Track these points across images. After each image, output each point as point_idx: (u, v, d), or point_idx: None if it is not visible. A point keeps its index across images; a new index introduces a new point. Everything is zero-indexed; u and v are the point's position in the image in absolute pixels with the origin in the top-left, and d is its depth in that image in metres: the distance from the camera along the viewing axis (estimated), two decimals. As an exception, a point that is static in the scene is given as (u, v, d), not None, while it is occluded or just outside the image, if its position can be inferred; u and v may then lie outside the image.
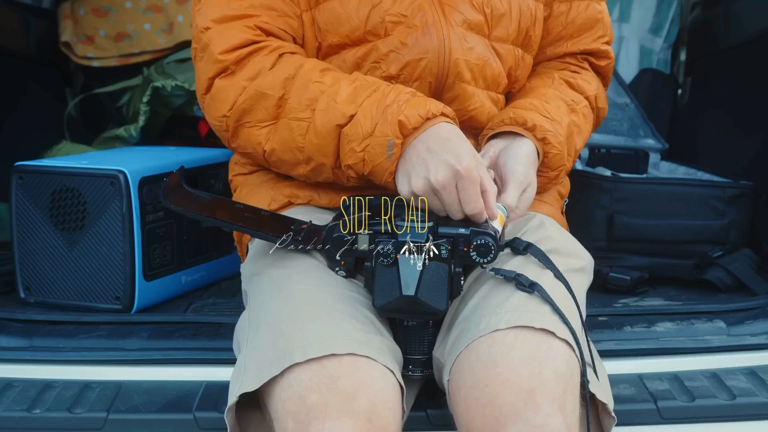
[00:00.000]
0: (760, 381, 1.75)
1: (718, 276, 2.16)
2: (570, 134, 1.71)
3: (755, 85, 2.56)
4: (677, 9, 2.92)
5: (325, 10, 1.65)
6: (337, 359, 1.39)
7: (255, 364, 1.44)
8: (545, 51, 1.84)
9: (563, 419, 1.38)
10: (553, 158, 1.68)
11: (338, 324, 1.44)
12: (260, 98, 1.58)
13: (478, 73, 1.68)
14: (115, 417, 1.66)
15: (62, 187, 1.97)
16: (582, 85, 1.79)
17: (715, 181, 2.32)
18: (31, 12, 2.98)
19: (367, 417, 1.36)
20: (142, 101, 2.60)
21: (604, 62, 1.85)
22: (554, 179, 1.73)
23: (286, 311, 1.48)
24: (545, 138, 1.66)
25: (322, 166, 1.59)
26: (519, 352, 1.41)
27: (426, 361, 1.54)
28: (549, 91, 1.75)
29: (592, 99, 1.80)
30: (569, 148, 1.71)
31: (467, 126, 1.69)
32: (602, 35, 1.84)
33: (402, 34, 1.64)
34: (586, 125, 1.77)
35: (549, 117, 1.68)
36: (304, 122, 1.57)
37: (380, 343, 1.45)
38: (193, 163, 2.12)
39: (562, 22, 1.81)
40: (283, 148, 1.60)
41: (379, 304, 1.49)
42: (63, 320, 1.91)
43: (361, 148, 1.53)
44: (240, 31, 1.60)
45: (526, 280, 1.49)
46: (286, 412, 1.39)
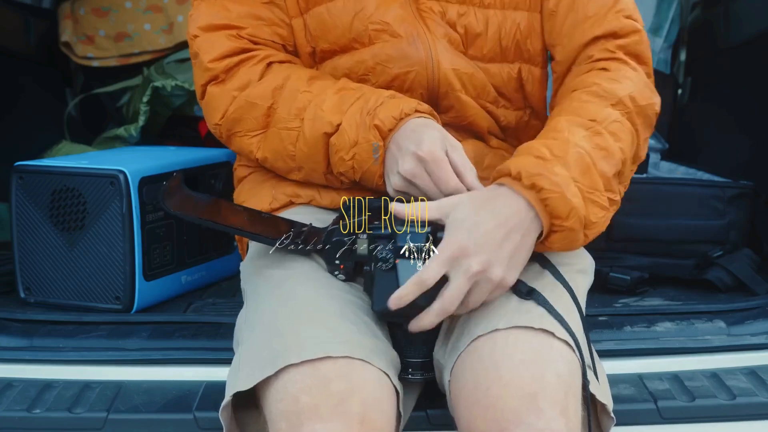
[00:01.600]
0: (760, 381, 1.75)
1: (718, 276, 2.16)
2: (588, 165, 1.47)
3: (755, 85, 2.56)
4: (677, 9, 2.92)
5: (314, 15, 1.66)
6: (331, 361, 1.39)
7: (249, 363, 1.44)
8: (564, 44, 1.67)
9: (565, 423, 1.37)
10: (555, 204, 1.43)
11: (335, 326, 1.44)
12: (250, 108, 1.61)
13: (468, 82, 1.66)
14: (115, 417, 1.66)
15: (62, 187, 1.97)
16: (610, 88, 1.57)
17: (715, 181, 2.32)
18: (31, 12, 2.98)
19: (359, 419, 1.36)
20: (142, 101, 2.60)
21: (635, 37, 1.64)
22: (580, 230, 1.46)
23: (283, 312, 1.48)
24: (534, 184, 1.42)
25: (313, 173, 1.62)
26: (520, 354, 1.40)
27: (426, 364, 1.53)
28: (561, 121, 1.53)
29: (627, 100, 1.56)
30: (590, 182, 1.46)
31: (468, 129, 1.69)
32: (621, 9, 1.65)
33: (386, 43, 1.64)
34: (617, 143, 1.52)
35: (543, 157, 1.45)
36: (293, 131, 1.59)
37: (376, 347, 1.44)
38: (193, 163, 2.12)
39: (572, 6, 1.65)
40: (274, 156, 1.63)
41: (377, 308, 1.47)
42: (63, 320, 1.91)
43: (349, 157, 1.56)
44: (227, 40, 1.63)
45: (524, 287, 1.48)
46: (279, 413, 1.38)
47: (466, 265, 1.40)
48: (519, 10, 1.68)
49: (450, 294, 1.41)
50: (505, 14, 1.67)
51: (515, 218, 1.43)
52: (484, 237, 1.41)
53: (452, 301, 1.41)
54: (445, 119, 1.66)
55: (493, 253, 1.41)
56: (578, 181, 1.45)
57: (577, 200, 1.44)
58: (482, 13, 1.67)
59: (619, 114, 1.55)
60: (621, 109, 1.56)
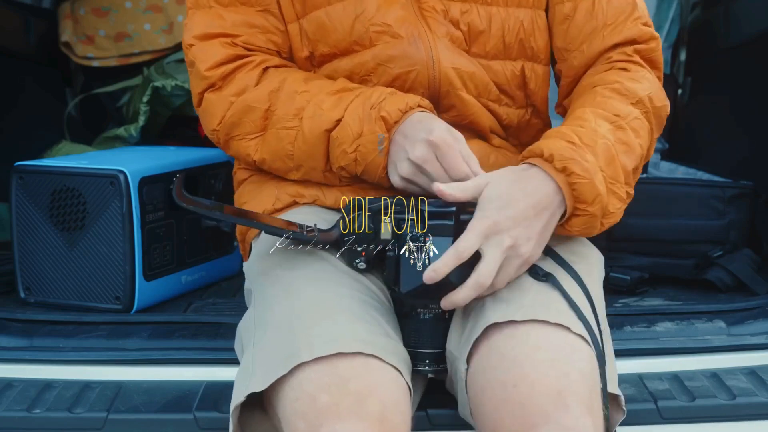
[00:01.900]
0: (760, 381, 1.75)
1: (718, 276, 2.16)
2: (612, 157, 1.52)
3: (755, 85, 2.56)
4: (677, 9, 2.92)
5: (313, 20, 1.66)
6: (347, 360, 1.39)
7: (262, 364, 1.44)
8: (582, 50, 1.69)
9: (592, 421, 1.38)
10: (583, 189, 1.48)
11: (346, 324, 1.44)
12: (247, 111, 1.63)
13: (469, 80, 1.67)
14: (115, 417, 1.66)
15: (62, 187, 1.97)
16: (631, 87, 1.61)
17: (715, 181, 2.32)
18: (31, 12, 2.99)
19: (378, 419, 1.36)
20: (142, 101, 2.60)
21: (653, 44, 1.68)
22: (599, 217, 1.52)
23: (293, 311, 1.48)
24: (566, 168, 1.48)
25: (312, 171, 1.64)
26: (543, 352, 1.41)
27: (439, 356, 1.53)
28: (587, 112, 1.57)
29: (646, 100, 1.61)
30: (613, 173, 1.52)
31: (469, 128, 1.69)
32: (639, 16, 1.68)
33: (387, 44, 1.64)
34: (637, 140, 1.57)
35: (574, 143, 1.50)
36: (292, 131, 1.61)
37: (388, 344, 1.45)
38: (193, 163, 2.12)
39: (591, 13, 1.68)
40: (273, 157, 1.64)
41: (406, 290, 1.47)
42: (63, 320, 1.91)
43: (352, 149, 1.57)
44: (222, 47, 1.64)
45: (541, 270, 1.51)
46: (295, 412, 1.38)
47: (499, 239, 1.44)
48: (522, 7, 1.69)
49: (485, 268, 1.44)
50: (508, 11, 1.68)
51: (545, 198, 1.48)
52: (517, 214, 1.46)
53: (488, 274, 1.44)
54: (447, 118, 1.66)
55: (524, 230, 1.46)
56: (603, 170, 1.51)
57: (603, 188, 1.50)
58: (485, 11, 1.67)
59: (639, 112, 1.60)
60: (641, 108, 1.60)
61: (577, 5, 1.69)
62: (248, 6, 1.67)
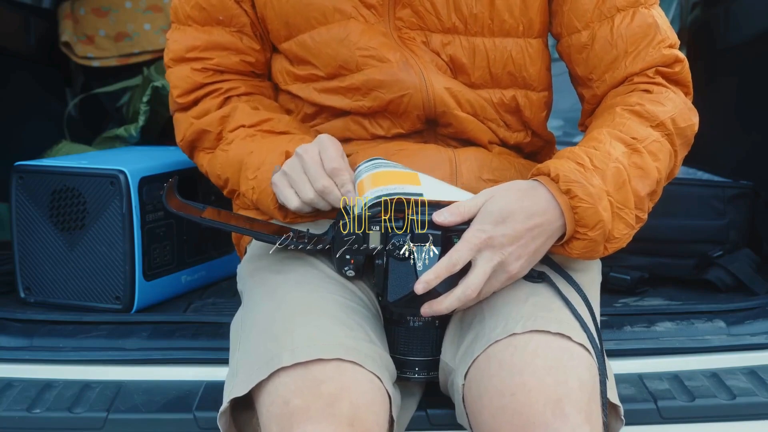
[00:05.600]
0: (760, 381, 1.75)
1: (718, 276, 2.16)
2: (624, 181, 1.49)
3: (755, 85, 2.56)
4: (677, 9, 2.92)
5: (298, 43, 1.68)
6: (323, 364, 1.39)
7: (245, 368, 1.44)
8: (605, 80, 1.65)
9: (590, 429, 1.38)
10: (584, 213, 1.46)
11: (328, 330, 1.44)
12: (203, 133, 1.74)
13: (463, 100, 1.65)
14: (115, 417, 1.66)
15: (62, 187, 1.97)
16: (652, 110, 1.57)
17: (714, 181, 2.32)
18: (31, 12, 2.99)
19: (348, 421, 1.36)
20: (142, 101, 2.60)
21: (678, 67, 1.64)
22: (601, 242, 1.49)
23: (277, 315, 1.48)
24: (570, 190, 1.46)
25: (232, 193, 1.74)
26: (542, 360, 1.41)
27: (430, 363, 1.53)
28: (603, 133, 1.54)
29: (668, 122, 1.57)
30: (623, 198, 1.49)
31: (468, 143, 1.68)
32: (662, 40, 1.63)
33: (375, 69, 1.63)
34: (655, 163, 1.54)
35: (584, 165, 1.47)
36: (225, 153, 1.70)
37: (370, 351, 1.44)
38: (192, 164, 2.12)
39: (610, 42, 1.62)
40: (211, 171, 1.75)
41: (393, 299, 1.46)
42: (63, 320, 1.91)
43: (252, 176, 1.64)
44: (192, 75, 1.73)
45: (534, 271, 1.51)
46: (270, 416, 1.39)
47: (490, 255, 1.44)
48: (510, 36, 1.65)
49: (474, 280, 1.43)
50: (494, 42, 1.65)
51: (545, 220, 1.47)
52: (514, 233, 1.45)
53: (476, 287, 1.43)
54: (446, 132, 1.67)
55: (517, 249, 1.46)
56: (611, 195, 1.49)
57: (607, 214, 1.48)
58: (468, 42, 1.64)
59: (659, 135, 1.56)
60: (662, 131, 1.57)
61: (595, 34, 1.63)
62: (223, 27, 1.73)
